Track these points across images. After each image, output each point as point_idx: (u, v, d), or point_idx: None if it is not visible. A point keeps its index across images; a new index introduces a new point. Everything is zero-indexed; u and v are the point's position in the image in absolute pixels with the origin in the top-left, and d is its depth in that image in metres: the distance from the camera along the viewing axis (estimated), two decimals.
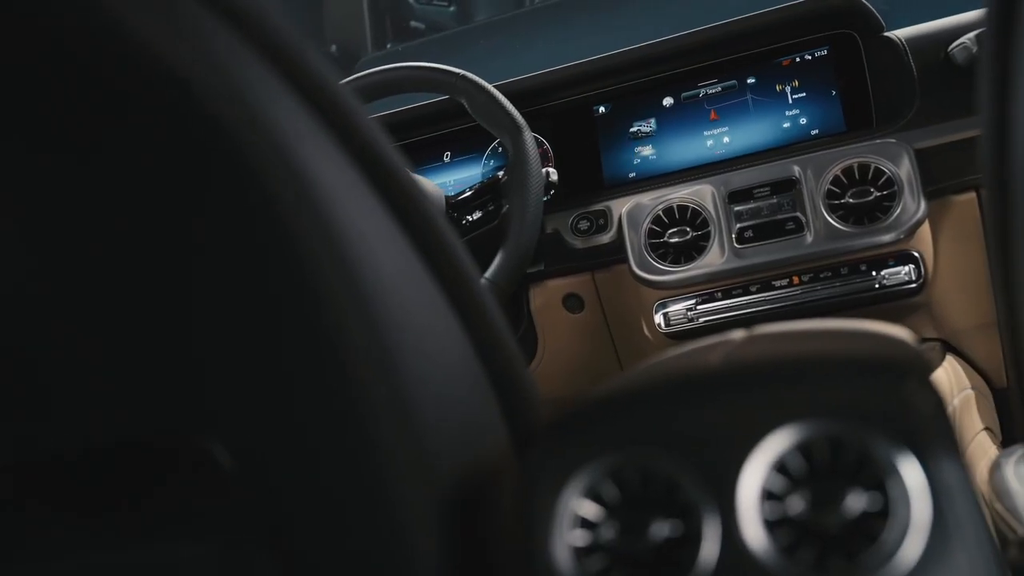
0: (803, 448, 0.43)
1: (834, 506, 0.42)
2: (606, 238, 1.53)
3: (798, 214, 1.41)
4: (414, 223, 0.53)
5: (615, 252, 1.51)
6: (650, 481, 0.45)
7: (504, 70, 1.71)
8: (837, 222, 1.38)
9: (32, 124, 0.41)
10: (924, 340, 1.46)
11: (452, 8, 3.22)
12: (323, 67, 0.49)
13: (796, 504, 0.43)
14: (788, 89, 1.51)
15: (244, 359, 0.45)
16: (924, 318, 1.44)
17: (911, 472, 0.42)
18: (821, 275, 1.39)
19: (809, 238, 1.39)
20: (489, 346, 0.56)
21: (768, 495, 0.43)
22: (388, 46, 3.20)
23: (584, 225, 1.54)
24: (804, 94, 1.50)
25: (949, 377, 1.35)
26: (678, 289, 1.45)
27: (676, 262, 1.45)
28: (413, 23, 3.26)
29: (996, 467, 0.79)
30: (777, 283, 1.41)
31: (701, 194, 1.46)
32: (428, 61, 1.55)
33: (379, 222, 0.51)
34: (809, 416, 0.43)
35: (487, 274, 1.38)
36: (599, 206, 1.54)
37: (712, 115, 1.55)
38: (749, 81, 1.53)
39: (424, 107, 1.67)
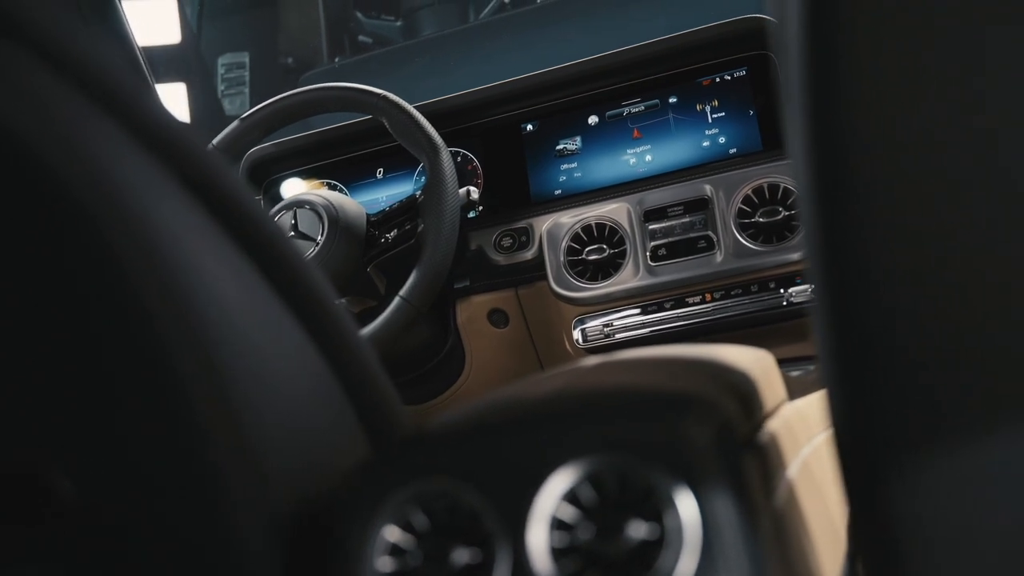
0: (593, 480, 0.46)
1: (617, 535, 0.45)
2: (528, 255, 1.56)
3: (709, 233, 1.44)
4: (258, 248, 0.54)
5: (536, 269, 1.54)
6: (455, 510, 0.48)
7: (440, 88, 1.73)
8: (747, 241, 1.41)
9: None
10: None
11: (399, 23, 3.25)
12: (134, 81, 0.51)
13: (583, 533, 0.45)
14: (708, 108, 1.55)
15: (76, 389, 0.47)
16: None
17: (686, 504, 0.44)
18: (732, 292, 1.43)
19: (719, 257, 1.43)
20: (347, 368, 0.58)
21: (559, 524, 0.46)
22: (336, 60, 3.22)
23: (507, 242, 1.57)
24: (723, 113, 1.53)
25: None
26: (595, 305, 1.48)
27: (594, 279, 1.48)
28: (361, 38, 3.28)
29: None
30: (691, 300, 1.45)
31: (618, 212, 1.50)
32: (368, 77, 1.58)
33: (215, 247, 0.52)
34: (597, 450, 0.46)
35: (401, 292, 1.40)
36: (522, 223, 1.57)
37: (635, 133, 1.58)
38: (671, 100, 1.56)
39: (357, 124, 1.69)
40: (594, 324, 1.50)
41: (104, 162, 0.47)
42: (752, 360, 0.68)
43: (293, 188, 1.75)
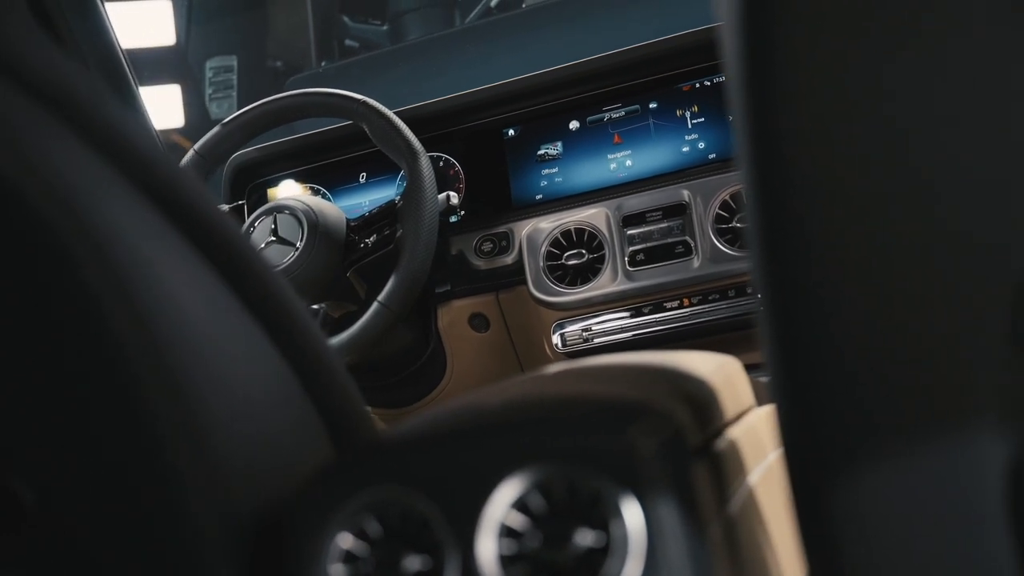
0: (543, 489, 0.47)
1: (564, 543, 0.46)
2: (509, 259, 1.56)
3: (687, 238, 1.45)
4: (218, 253, 0.55)
5: (517, 273, 1.55)
6: (407, 518, 0.48)
7: (424, 92, 1.74)
8: (724, 246, 1.42)
9: None
10: None
11: (385, 27, 3.25)
12: (89, 86, 0.51)
13: (532, 541, 0.46)
14: (688, 114, 1.55)
15: (32, 395, 0.47)
16: None
17: (631, 512, 0.45)
18: (710, 297, 1.44)
19: (696, 262, 1.44)
20: (311, 373, 0.58)
21: (509, 532, 0.46)
22: (323, 64, 3.23)
23: (488, 247, 1.57)
24: (703, 119, 1.54)
25: None
26: (575, 310, 1.49)
27: (573, 284, 1.49)
28: (348, 42, 3.29)
29: None
30: (669, 305, 1.46)
31: (597, 218, 1.51)
32: (354, 81, 1.58)
33: (173, 252, 0.53)
34: (545, 459, 0.46)
35: (379, 297, 1.41)
36: (502, 228, 1.58)
37: (616, 139, 1.58)
38: (651, 106, 1.57)
39: (340, 128, 1.70)
40: (573, 329, 1.50)
41: (59, 169, 0.48)
42: (714, 367, 0.69)
43: (277, 192, 1.75)
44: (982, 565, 0.40)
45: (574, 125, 1.61)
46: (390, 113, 1.49)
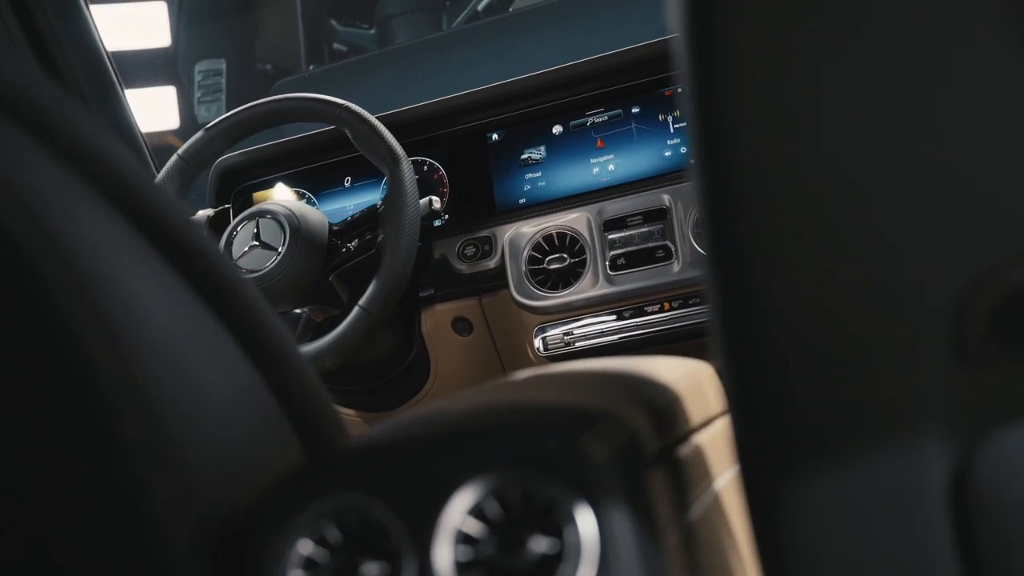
0: (499, 496, 0.47)
1: (519, 549, 0.46)
2: (491, 263, 1.57)
3: (667, 242, 1.46)
4: (184, 259, 0.55)
5: (499, 277, 1.55)
6: (366, 525, 0.49)
7: (411, 96, 1.75)
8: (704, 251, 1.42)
9: None
10: None
11: (372, 31, 3.26)
12: (51, 93, 0.51)
13: (487, 547, 0.46)
14: (670, 118, 1.56)
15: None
16: None
17: (585, 519, 0.46)
18: (690, 301, 1.44)
19: (677, 266, 1.44)
20: (281, 380, 0.59)
21: (466, 539, 0.47)
22: (311, 68, 3.23)
23: (470, 251, 1.58)
24: (685, 124, 1.55)
25: None
26: (556, 314, 1.50)
27: (555, 288, 1.49)
28: (336, 46, 3.29)
29: None
30: (649, 309, 1.46)
31: (578, 222, 1.51)
32: (341, 85, 1.59)
33: (138, 258, 0.53)
34: (500, 466, 0.47)
35: (360, 302, 1.41)
36: (485, 232, 1.59)
37: (599, 143, 1.59)
38: (634, 111, 1.58)
39: (325, 133, 1.70)
40: (555, 333, 1.51)
41: (26, 181, 0.48)
42: (681, 373, 0.69)
43: (264, 196, 1.76)
44: (924, 573, 0.41)
45: (558, 129, 1.62)
46: (372, 118, 1.50)
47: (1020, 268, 0.38)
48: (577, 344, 1.50)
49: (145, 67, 3.15)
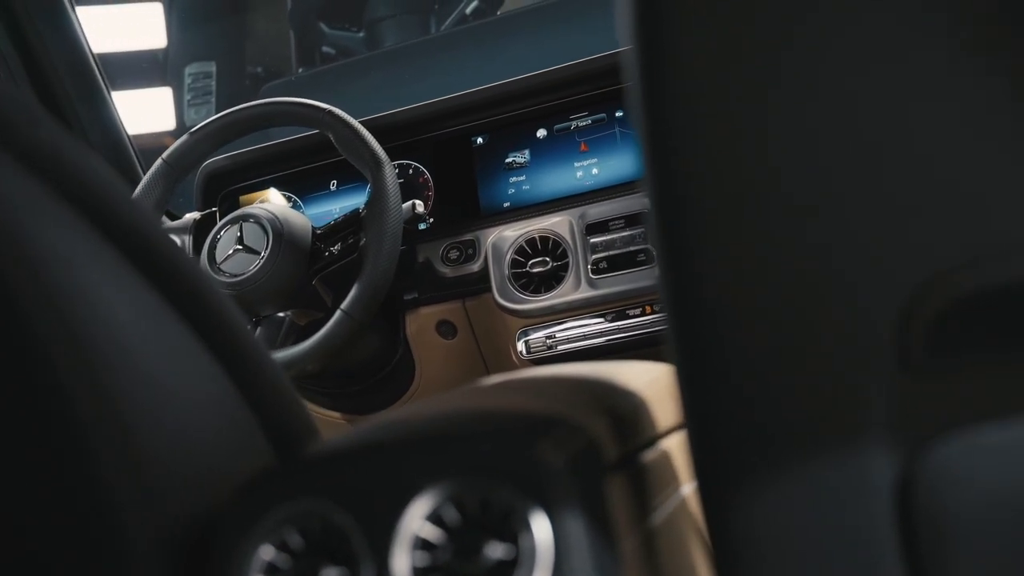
0: (457, 502, 0.48)
1: (475, 555, 0.47)
2: (475, 267, 1.57)
3: (649, 246, 1.46)
4: (158, 272, 0.55)
5: (482, 281, 1.56)
6: (327, 530, 0.49)
7: (399, 99, 1.75)
8: None
9: None
10: None
11: (361, 34, 3.26)
12: (20, 102, 0.52)
13: (445, 553, 0.47)
14: None
15: None
16: None
17: (540, 525, 0.46)
18: None
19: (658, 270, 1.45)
20: (252, 386, 0.59)
21: (424, 544, 0.47)
22: (300, 71, 3.24)
23: (454, 254, 1.58)
24: (634, 134, 1.55)
25: None
26: (539, 318, 1.51)
27: (537, 291, 1.50)
28: (325, 48, 3.30)
29: None
30: (631, 312, 1.47)
31: (561, 226, 1.52)
32: (328, 89, 1.59)
33: (113, 275, 0.53)
34: (457, 473, 0.47)
35: (342, 306, 1.42)
36: (468, 236, 1.59)
37: (582, 147, 1.60)
38: (617, 114, 1.59)
39: (311, 136, 1.71)
40: (537, 336, 1.52)
41: None
42: (650, 379, 0.69)
43: (252, 199, 1.76)
44: None
45: (542, 133, 1.62)
46: (355, 122, 1.50)
47: (959, 280, 0.39)
48: (559, 347, 1.51)
49: (142, 68, 3.16)
